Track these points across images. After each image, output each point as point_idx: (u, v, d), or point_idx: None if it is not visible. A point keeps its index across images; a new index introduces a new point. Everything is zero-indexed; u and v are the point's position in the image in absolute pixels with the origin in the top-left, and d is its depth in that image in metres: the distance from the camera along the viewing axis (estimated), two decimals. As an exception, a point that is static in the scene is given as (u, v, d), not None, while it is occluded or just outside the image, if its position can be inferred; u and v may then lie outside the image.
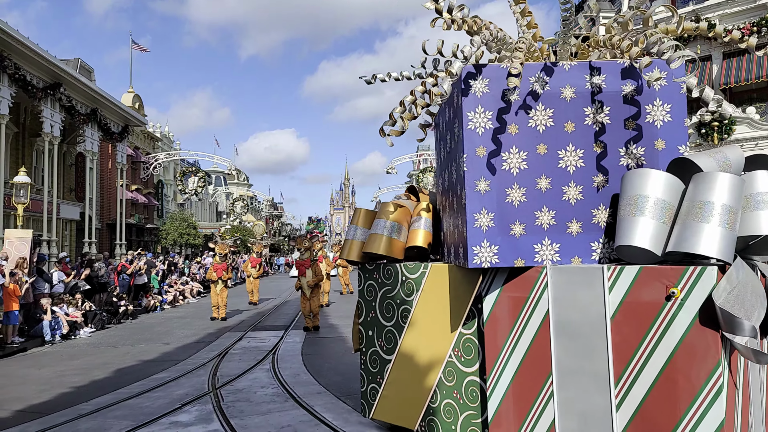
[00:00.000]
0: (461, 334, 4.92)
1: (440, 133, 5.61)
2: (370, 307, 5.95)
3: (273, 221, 76.60)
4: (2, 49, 16.73)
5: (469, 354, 4.86)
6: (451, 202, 5.07)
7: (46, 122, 19.49)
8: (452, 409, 4.99)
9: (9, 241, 13.20)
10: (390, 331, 5.65)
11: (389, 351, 5.65)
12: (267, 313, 17.24)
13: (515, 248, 4.33)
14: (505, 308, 4.44)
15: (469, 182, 4.37)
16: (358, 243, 6.10)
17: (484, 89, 4.38)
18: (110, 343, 12.46)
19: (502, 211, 4.34)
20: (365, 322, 6.01)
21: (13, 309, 11.65)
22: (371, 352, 5.90)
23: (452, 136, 4.88)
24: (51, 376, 9.14)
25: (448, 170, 5.16)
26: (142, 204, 37.36)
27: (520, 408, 4.32)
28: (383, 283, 5.77)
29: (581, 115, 4.35)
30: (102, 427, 6.19)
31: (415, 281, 5.41)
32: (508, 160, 4.38)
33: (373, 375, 5.86)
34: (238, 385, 8.13)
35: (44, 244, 18.64)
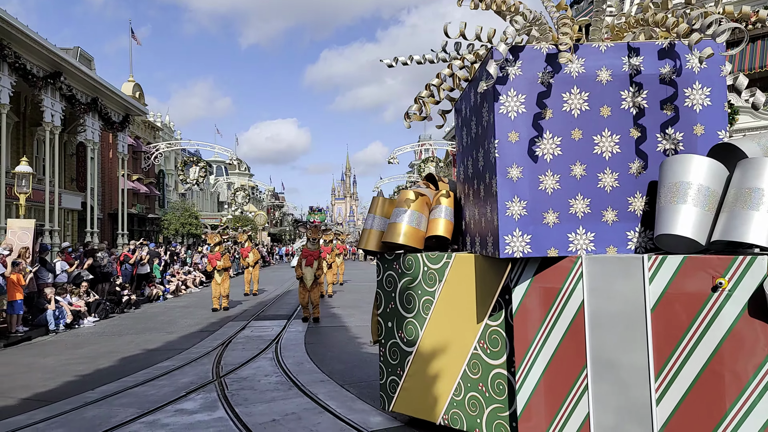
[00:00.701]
0: (487, 325, 4.79)
1: (463, 119, 5.44)
2: (390, 297, 5.78)
3: (274, 211, 76.68)
4: (2, 37, 16.67)
5: (495, 346, 4.73)
6: (476, 190, 4.92)
7: (47, 111, 19.47)
8: (477, 402, 4.88)
9: (12, 231, 13.21)
10: (411, 322, 5.51)
11: (410, 343, 5.52)
12: (269, 303, 17.31)
13: (548, 237, 4.18)
14: (536, 299, 4.30)
15: (501, 169, 4.21)
16: (376, 232, 5.95)
17: (517, 72, 4.19)
18: (114, 332, 12.46)
19: (535, 199, 4.20)
20: (384, 313, 5.85)
21: (16, 298, 11.73)
22: (391, 343, 5.75)
23: (479, 122, 4.70)
24: (56, 364, 9.17)
25: (473, 157, 5.01)
26: (144, 194, 37.38)
27: (552, 402, 4.20)
28: (403, 273, 5.61)
29: (618, 98, 4.19)
30: (108, 415, 6.22)
31: (437, 271, 5.26)
32: (541, 145, 4.21)
33: (392, 367, 5.72)
34: (242, 373, 8.17)
35: (46, 233, 18.72)
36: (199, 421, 5.99)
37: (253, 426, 5.79)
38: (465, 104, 5.30)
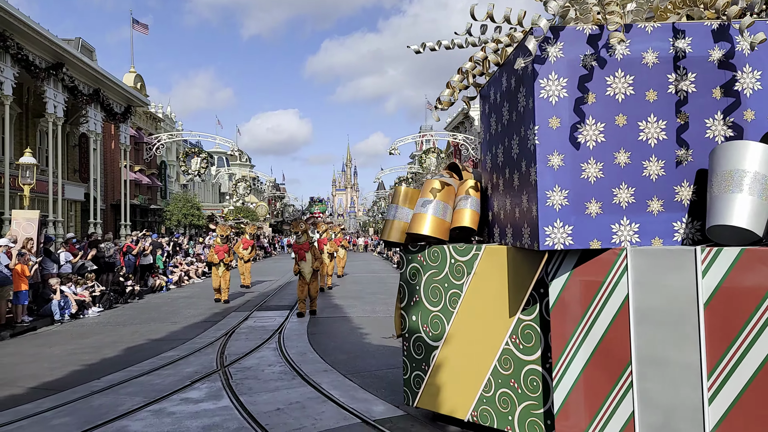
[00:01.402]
0: (520, 320, 4.60)
1: (491, 105, 5.21)
2: (414, 291, 5.58)
3: (275, 202, 76.71)
4: (5, 29, 16.61)
5: (529, 341, 4.54)
6: (508, 179, 4.71)
7: (50, 103, 19.40)
8: (509, 399, 4.70)
9: (17, 222, 13.24)
10: (436, 316, 5.32)
11: (436, 337, 5.33)
12: (271, 294, 17.38)
13: (591, 228, 3.97)
14: (576, 293, 4.09)
15: (541, 157, 3.98)
16: (399, 223, 5.68)
17: (558, 54, 3.95)
18: (118, 322, 12.49)
19: (577, 189, 3.98)
20: (408, 307, 5.66)
21: (22, 289, 11.79)
22: (415, 338, 5.55)
23: (514, 107, 4.48)
24: (62, 354, 9.24)
25: (504, 145, 4.79)
26: (146, 185, 37.39)
27: (592, 400, 4.00)
28: (428, 265, 5.40)
29: (664, 82, 3.95)
30: (115, 404, 6.25)
31: (465, 264, 5.05)
32: (583, 132, 3.98)
33: (417, 362, 5.53)
34: (246, 363, 8.23)
35: (50, 224, 18.78)
36: (204, 410, 6.01)
37: (258, 415, 5.80)
38: (494, 90, 5.07)
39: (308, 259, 12.82)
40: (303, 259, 12.84)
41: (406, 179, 51.98)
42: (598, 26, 3.95)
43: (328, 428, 5.47)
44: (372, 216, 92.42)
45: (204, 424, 5.62)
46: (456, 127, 44.01)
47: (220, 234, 15.84)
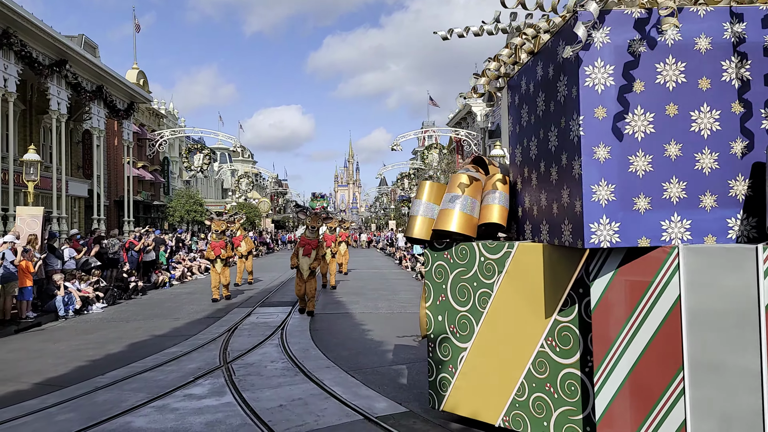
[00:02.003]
0: (557, 321, 4.37)
1: (522, 96, 4.98)
2: (440, 290, 5.36)
3: (278, 198, 76.75)
4: (8, 26, 16.56)
5: (566, 344, 4.32)
6: (543, 173, 4.51)
7: (53, 99, 19.39)
8: (544, 404, 4.48)
9: (21, 219, 13.23)
10: (465, 316, 5.10)
11: (464, 338, 5.11)
12: (274, 290, 17.38)
13: (639, 225, 3.74)
14: (621, 294, 3.86)
15: (586, 149, 3.73)
16: (424, 219, 5.42)
17: (605, 39, 3.70)
18: (122, 318, 12.45)
19: (625, 183, 3.74)
20: (434, 307, 5.41)
21: (26, 285, 11.82)
22: (441, 338, 5.33)
23: (551, 97, 4.26)
24: (66, 350, 9.23)
25: (539, 137, 4.58)
26: (149, 181, 37.39)
27: (639, 406, 3.77)
28: (456, 263, 5.19)
29: (718, 69, 3.71)
30: (119, 399, 6.24)
31: (496, 262, 4.82)
32: (631, 122, 3.75)
33: (443, 364, 5.31)
34: (249, 359, 8.22)
35: (54, 221, 18.82)
36: (207, 406, 6.01)
37: (261, 411, 5.80)
38: (527, 79, 4.83)
39: (312, 256, 12.27)
40: (307, 255, 12.24)
41: (409, 175, 51.97)
42: (646, 10, 3.71)
43: (330, 425, 5.45)
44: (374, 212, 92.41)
45: (207, 420, 5.60)
46: (458, 123, 43.93)
47: (215, 229, 15.14)
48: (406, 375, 7.27)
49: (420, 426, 5.42)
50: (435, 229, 5.31)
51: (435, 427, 5.38)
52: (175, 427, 5.46)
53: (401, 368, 7.62)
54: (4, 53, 16.62)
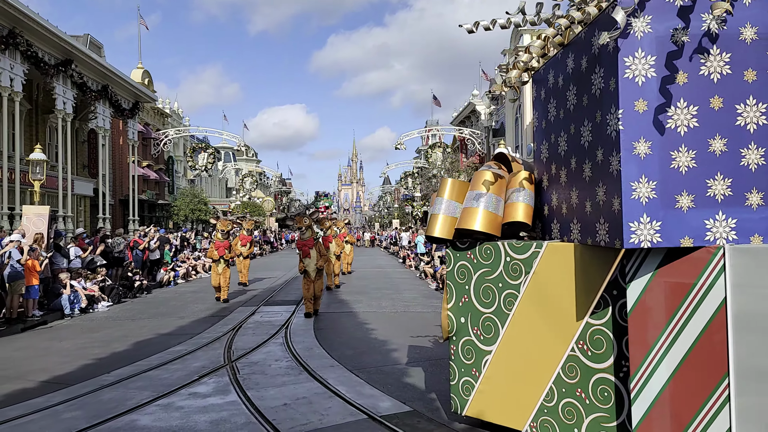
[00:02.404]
0: (588, 324, 4.19)
1: (549, 90, 4.84)
2: (463, 290, 5.18)
3: (282, 197, 76.87)
4: (14, 26, 16.68)
5: (598, 348, 4.13)
6: (574, 170, 4.34)
7: (59, 99, 19.50)
8: (575, 410, 4.30)
9: (27, 218, 13.32)
10: (489, 318, 4.93)
11: (488, 341, 4.94)
12: (278, 289, 17.43)
13: (681, 224, 3.57)
14: (660, 296, 3.69)
15: (626, 144, 3.56)
16: (446, 218, 5.23)
17: (646, 28, 3.53)
18: (127, 316, 12.50)
19: (666, 180, 3.57)
20: (456, 308, 5.23)
21: (33, 284, 11.89)
22: (464, 341, 5.15)
23: (585, 90, 4.10)
24: (72, 348, 9.27)
25: (569, 132, 4.43)
26: (154, 180, 37.51)
27: (681, 414, 3.63)
28: (480, 264, 5.01)
29: (765, 60, 3.55)
30: (124, 398, 6.28)
31: (523, 262, 4.65)
32: (674, 116, 3.58)
33: (466, 367, 5.13)
34: (253, 358, 8.25)
35: (60, 220, 18.89)
36: (212, 405, 6.04)
37: (265, 410, 5.82)
38: (555, 73, 4.67)
39: (313, 256, 12.15)
40: (307, 256, 12.14)
41: (412, 174, 51.94)
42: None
43: (334, 423, 5.48)
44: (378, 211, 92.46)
45: (212, 418, 5.64)
46: (462, 122, 43.88)
47: (220, 229, 14.84)
48: (410, 374, 7.28)
49: (424, 425, 5.43)
50: (458, 228, 5.11)
51: (439, 427, 5.39)
52: (180, 425, 5.49)
53: (405, 367, 7.63)
54: (10, 53, 16.73)
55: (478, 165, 39.75)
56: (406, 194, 57.47)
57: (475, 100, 41.79)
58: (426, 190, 48.12)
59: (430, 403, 6.09)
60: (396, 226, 49.08)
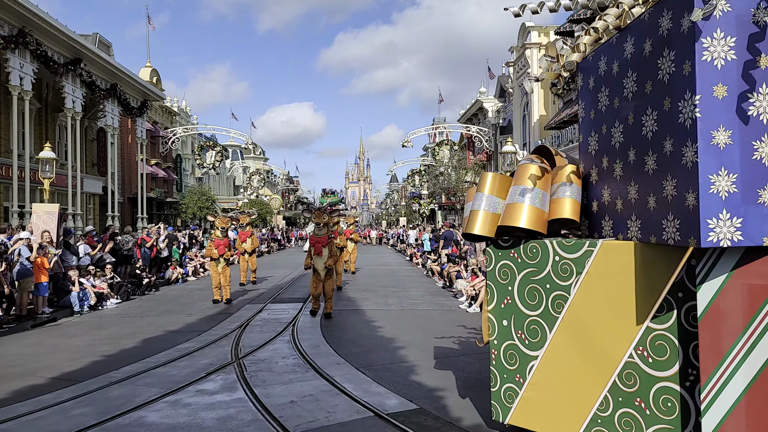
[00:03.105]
0: (649, 329, 3.91)
1: (598, 78, 4.62)
2: (505, 292, 4.89)
3: (289, 195, 77.04)
4: (24, 25, 16.81)
5: (661, 354, 3.86)
6: (634, 163, 4.08)
7: (68, 98, 19.63)
8: (633, 421, 4.02)
9: (37, 215, 13.46)
10: (535, 321, 4.64)
11: (534, 346, 4.65)
12: (285, 286, 17.45)
13: (765, 221, 3.32)
14: (737, 299, 3.45)
15: (703, 133, 3.31)
16: (487, 214, 4.91)
17: (725, 7, 3.29)
18: (136, 313, 12.56)
19: (748, 172, 3.32)
20: (497, 310, 4.95)
21: (42, 281, 11.98)
22: (507, 345, 4.86)
23: (647, 76, 3.85)
24: (81, 345, 9.29)
25: (625, 122, 4.19)
26: (162, 178, 37.69)
27: (760, 428, 3.40)
28: (524, 263, 4.73)
29: None
30: (132, 394, 6.32)
31: (574, 262, 4.36)
32: (756, 102, 3.33)
33: (509, 373, 4.84)
34: (260, 355, 8.25)
35: (69, 217, 19.03)
36: (219, 402, 6.06)
37: (272, 407, 5.83)
38: (608, 59, 4.43)
39: (324, 254, 11.72)
40: (318, 254, 11.70)
41: (419, 172, 51.91)
42: None
43: (341, 421, 5.47)
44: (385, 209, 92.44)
45: (219, 415, 5.65)
46: (469, 119, 43.76)
47: (219, 226, 14.22)
48: (417, 372, 7.27)
49: (431, 423, 5.43)
50: (501, 226, 4.82)
51: (446, 425, 5.38)
52: (188, 422, 5.50)
53: (412, 365, 7.62)
54: (20, 52, 16.85)
55: (485, 162, 39.67)
56: (413, 192, 57.44)
57: (482, 97, 41.65)
58: (433, 188, 48.08)
59: (437, 401, 6.07)
60: (403, 224, 49.06)
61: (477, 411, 5.71)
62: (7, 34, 16.21)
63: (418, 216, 52.40)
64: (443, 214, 49.64)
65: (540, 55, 26.92)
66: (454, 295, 14.74)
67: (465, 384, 6.72)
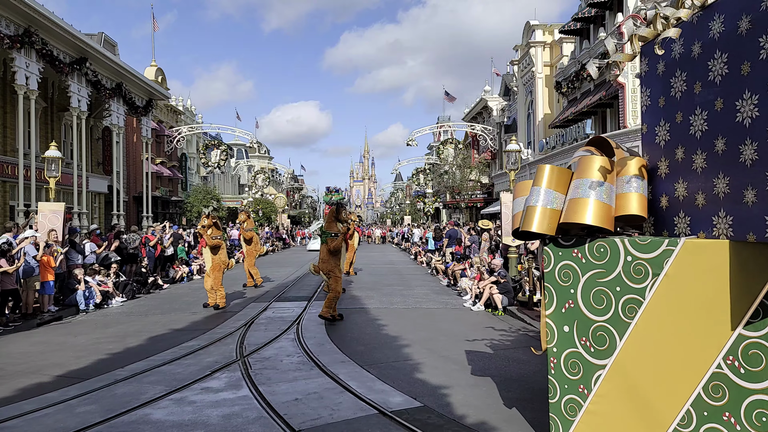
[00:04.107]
0: (741, 337, 3.61)
1: (670, 63, 4.35)
2: (566, 295, 4.50)
3: (294, 193, 77.13)
4: (30, 24, 16.89)
5: (755, 365, 3.55)
6: (719, 153, 3.79)
7: (74, 97, 19.70)
8: None
9: (42, 214, 13.50)
10: (602, 327, 4.27)
11: (601, 354, 4.28)
12: (290, 285, 17.48)
13: None
14: None
15: None
16: (545, 210, 4.54)
17: None
18: (141, 312, 12.60)
19: None
20: (557, 315, 4.57)
21: (48, 279, 12.04)
22: (568, 353, 4.49)
23: (742, 57, 3.57)
24: (87, 343, 9.33)
25: (709, 109, 3.90)
26: (167, 177, 37.80)
27: None
28: (590, 263, 4.35)
29: None
30: (138, 392, 6.34)
31: (650, 262, 4.01)
32: None
33: (571, 384, 4.45)
34: (265, 353, 8.29)
35: (75, 216, 19.11)
36: (224, 399, 6.09)
37: (277, 405, 5.84)
38: (686, 41, 4.14)
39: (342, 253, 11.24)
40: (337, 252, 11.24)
41: (424, 170, 51.86)
42: None
43: (345, 418, 5.49)
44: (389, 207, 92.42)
45: (224, 413, 5.68)
46: (474, 118, 43.69)
47: (202, 225, 13.07)
48: (421, 370, 7.29)
49: (435, 420, 5.43)
50: (564, 223, 4.46)
51: (449, 422, 5.38)
52: (193, 419, 5.52)
53: (416, 363, 7.63)
54: (26, 51, 16.92)
55: (490, 161, 39.60)
56: (418, 191, 57.41)
57: (487, 95, 41.56)
58: (438, 187, 48.02)
59: (441, 399, 6.08)
60: (408, 223, 49.03)
61: (481, 409, 5.71)
62: (13, 33, 16.27)
63: (422, 215, 52.38)
64: (448, 212, 49.61)
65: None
66: (458, 294, 14.72)
67: (469, 382, 6.72)
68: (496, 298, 12.00)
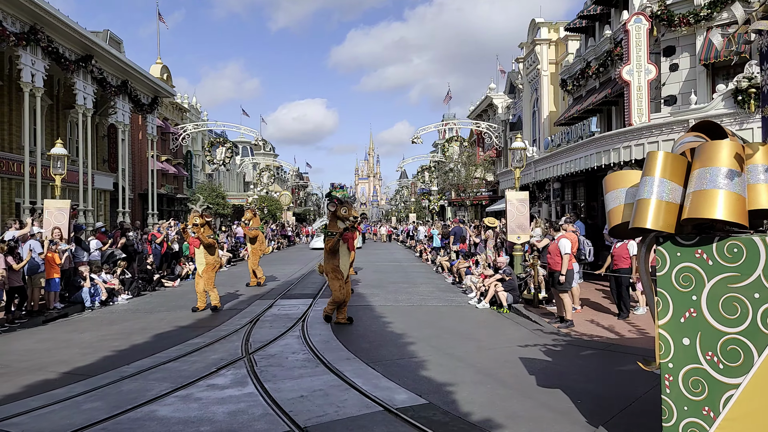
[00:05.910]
0: None
1: None
2: (686, 302, 4.00)
3: (299, 191, 77.19)
4: (36, 22, 16.93)
5: None
6: None
7: (79, 94, 19.74)
8: None
9: (48, 211, 13.56)
10: (735, 340, 3.78)
11: (732, 371, 3.78)
12: (295, 282, 17.51)
13: None
14: None
15: None
16: (661, 204, 4.00)
17: None
18: (146, 309, 12.64)
19: None
20: (674, 325, 4.06)
21: (54, 277, 12.08)
22: (689, 370, 3.98)
23: None
24: (93, 340, 9.38)
25: None
26: (172, 174, 37.88)
27: None
28: (719, 266, 3.85)
29: None
30: (144, 389, 6.36)
31: None
32: None
33: (692, 405, 3.94)
34: (270, 350, 8.31)
35: (80, 213, 19.17)
36: (230, 396, 6.13)
37: (282, 402, 5.85)
38: None
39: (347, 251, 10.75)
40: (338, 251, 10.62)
41: (429, 168, 51.77)
42: None
43: (350, 415, 5.50)
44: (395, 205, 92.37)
45: (229, 410, 5.69)
46: (479, 116, 43.57)
47: (193, 223, 12.28)
48: (426, 367, 7.28)
49: (440, 417, 5.42)
50: (689, 218, 3.93)
51: (454, 419, 5.37)
52: (199, 416, 5.53)
53: (422, 360, 7.62)
54: (32, 49, 16.96)
55: (495, 159, 39.49)
56: (423, 188, 57.33)
57: (492, 93, 41.42)
58: (443, 184, 47.93)
59: (446, 396, 6.07)
60: (413, 221, 48.98)
61: (486, 406, 5.70)
62: (18, 31, 16.32)
63: (427, 212, 52.33)
64: (453, 210, 49.51)
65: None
66: (463, 291, 14.70)
67: (474, 379, 6.71)
68: (502, 295, 11.97)
